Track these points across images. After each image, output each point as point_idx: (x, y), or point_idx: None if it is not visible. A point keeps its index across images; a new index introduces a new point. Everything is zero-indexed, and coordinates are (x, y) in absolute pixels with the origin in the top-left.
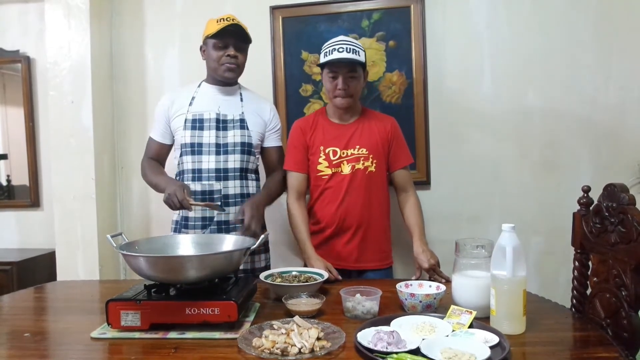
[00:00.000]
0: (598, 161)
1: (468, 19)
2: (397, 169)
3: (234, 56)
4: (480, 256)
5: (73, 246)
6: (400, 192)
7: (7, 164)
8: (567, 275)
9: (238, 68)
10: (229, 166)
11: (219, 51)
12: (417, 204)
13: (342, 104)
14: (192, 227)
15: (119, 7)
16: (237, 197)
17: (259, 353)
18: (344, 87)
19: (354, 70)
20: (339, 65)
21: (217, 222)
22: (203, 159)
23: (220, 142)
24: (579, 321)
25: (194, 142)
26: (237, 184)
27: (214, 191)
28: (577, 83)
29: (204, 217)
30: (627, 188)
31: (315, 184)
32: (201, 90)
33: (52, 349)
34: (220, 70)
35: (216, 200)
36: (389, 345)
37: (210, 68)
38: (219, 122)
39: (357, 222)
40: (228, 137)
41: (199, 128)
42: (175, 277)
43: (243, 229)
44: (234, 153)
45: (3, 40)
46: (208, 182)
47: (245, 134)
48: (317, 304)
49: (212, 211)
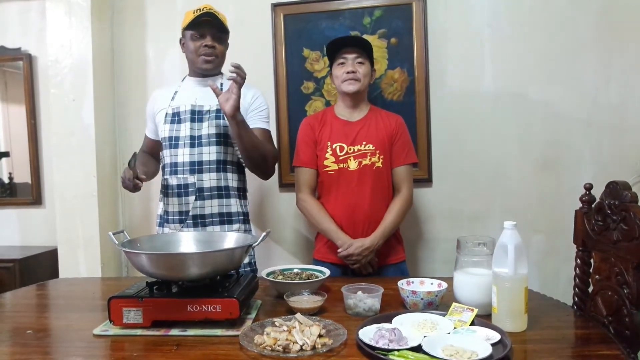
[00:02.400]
0: (600, 159)
1: (470, 16)
2: (395, 166)
3: (212, 46)
4: (481, 254)
5: (75, 244)
6: (395, 190)
7: (9, 161)
8: (568, 273)
9: (217, 58)
10: (203, 159)
11: (196, 42)
12: (400, 205)
13: (350, 89)
14: (171, 221)
15: (120, 5)
16: (212, 190)
17: (261, 350)
18: (352, 70)
19: (362, 56)
20: (347, 51)
21: (193, 216)
22: (179, 152)
23: (195, 135)
24: (580, 319)
25: (172, 136)
26: (212, 177)
27: (189, 184)
28: (579, 81)
29: (181, 212)
30: (630, 186)
31: (322, 180)
32: (184, 84)
33: (54, 346)
34: (198, 61)
35: (190, 194)
36: (390, 342)
37: (189, 60)
38: (194, 113)
39: (366, 218)
40: (203, 129)
41: (177, 122)
42: (177, 274)
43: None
44: (208, 145)
45: (4, 38)
46: (182, 175)
47: (220, 124)
48: (318, 301)
49: (187, 205)
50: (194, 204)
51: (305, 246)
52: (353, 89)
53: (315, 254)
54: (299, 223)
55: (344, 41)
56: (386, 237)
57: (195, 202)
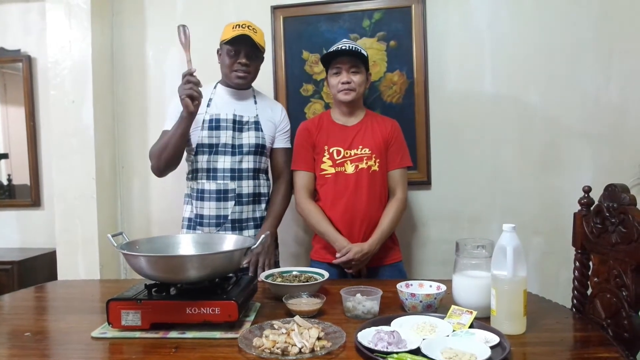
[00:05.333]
0: (599, 161)
1: (469, 18)
2: (390, 170)
3: (245, 64)
4: (480, 256)
5: (74, 246)
6: (389, 193)
7: (8, 163)
8: (567, 275)
9: (249, 75)
10: (243, 166)
11: (231, 58)
12: (396, 208)
13: (346, 98)
14: (206, 224)
15: (120, 6)
16: (250, 197)
17: (260, 353)
18: (347, 81)
19: (357, 65)
20: (342, 61)
21: (232, 220)
22: (219, 158)
23: (235, 143)
24: (579, 321)
25: (212, 143)
26: (250, 184)
27: (229, 190)
28: (579, 83)
29: (218, 216)
30: (628, 188)
31: (319, 183)
32: (217, 92)
33: (52, 349)
34: (231, 77)
35: (230, 199)
36: (389, 345)
37: (223, 73)
38: (235, 123)
39: (363, 220)
40: (243, 139)
41: (215, 128)
42: (176, 276)
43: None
44: (248, 154)
45: (4, 40)
46: (223, 181)
47: (259, 136)
48: (317, 303)
49: (226, 209)
50: (233, 209)
51: (304, 249)
52: (348, 99)
53: (313, 254)
54: (298, 226)
55: (338, 53)
56: (383, 241)
57: (234, 207)
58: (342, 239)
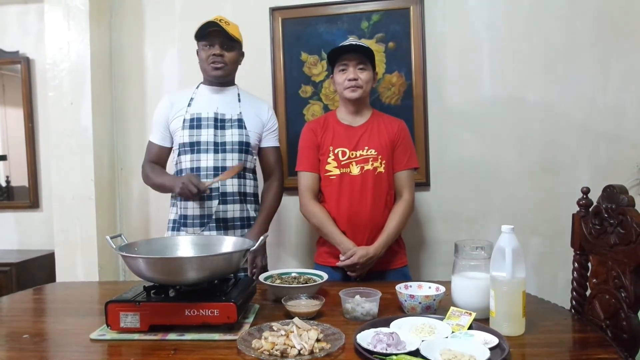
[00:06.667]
0: (597, 162)
1: (467, 20)
2: (396, 171)
3: (220, 54)
4: (479, 257)
5: (72, 247)
6: (396, 195)
7: (6, 164)
8: (566, 276)
9: (226, 66)
10: (227, 164)
11: (206, 51)
12: (403, 211)
13: (352, 95)
14: (190, 225)
15: (119, 8)
16: (234, 195)
17: (259, 354)
18: (354, 77)
19: (363, 62)
20: (348, 57)
21: (216, 219)
22: (201, 157)
23: (218, 141)
24: (578, 322)
25: (193, 141)
26: (234, 182)
27: (212, 189)
28: (576, 84)
29: (202, 215)
30: (626, 189)
31: (324, 185)
32: (199, 91)
33: (51, 351)
34: (208, 70)
35: (213, 198)
36: (388, 346)
37: (202, 69)
38: (217, 120)
39: (367, 223)
40: (226, 136)
41: (197, 127)
42: (175, 278)
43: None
44: (232, 152)
45: (2, 41)
46: (205, 180)
47: (243, 133)
48: (316, 305)
49: (210, 209)
50: (217, 208)
51: (307, 250)
52: (355, 96)
53: (317, 258)
54: (301, 227)
55: (345, 49)
56: (390, 244)
57: (218, 206)
58: (348, 241)
